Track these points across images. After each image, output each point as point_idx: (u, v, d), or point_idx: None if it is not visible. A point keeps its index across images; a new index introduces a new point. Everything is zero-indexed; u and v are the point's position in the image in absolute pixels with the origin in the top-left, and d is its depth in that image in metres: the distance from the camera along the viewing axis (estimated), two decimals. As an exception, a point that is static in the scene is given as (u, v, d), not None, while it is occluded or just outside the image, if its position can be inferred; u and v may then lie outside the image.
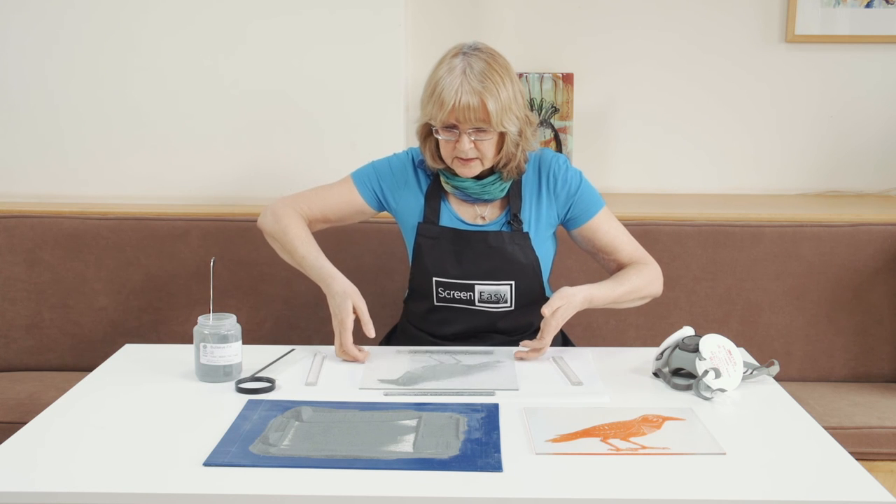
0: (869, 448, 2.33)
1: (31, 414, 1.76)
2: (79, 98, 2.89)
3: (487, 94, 1.97)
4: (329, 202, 2.20)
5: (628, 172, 3.13)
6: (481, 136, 2.01)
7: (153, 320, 2.72)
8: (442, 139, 2.04)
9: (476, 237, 2.11)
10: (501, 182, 2.10)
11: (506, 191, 2.12)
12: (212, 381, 1.84)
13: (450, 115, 1.99)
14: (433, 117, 2.02)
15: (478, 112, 1.98)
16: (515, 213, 2.12)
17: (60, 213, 2.74)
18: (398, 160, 2.21)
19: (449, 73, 2.00)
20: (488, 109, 1.98)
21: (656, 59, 3.08)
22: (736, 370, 1.80)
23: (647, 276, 2.13)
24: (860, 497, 1.39)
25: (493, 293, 2.09)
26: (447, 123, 2.01)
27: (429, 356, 2.00)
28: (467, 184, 2.10)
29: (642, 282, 2.12)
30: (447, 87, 1.98)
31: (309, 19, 2.85)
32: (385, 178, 2.19)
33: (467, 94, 1.97)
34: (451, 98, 1.97)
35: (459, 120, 1.99)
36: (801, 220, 2.70)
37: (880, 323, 2.68)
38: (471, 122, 1.99)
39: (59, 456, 1.51)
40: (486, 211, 2.15)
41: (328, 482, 1.42)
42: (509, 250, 2.09)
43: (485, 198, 2.12)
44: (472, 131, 2.00)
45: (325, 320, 2.70)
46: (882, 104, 3.09)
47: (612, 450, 1.52)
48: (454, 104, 1.97)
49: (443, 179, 2.13)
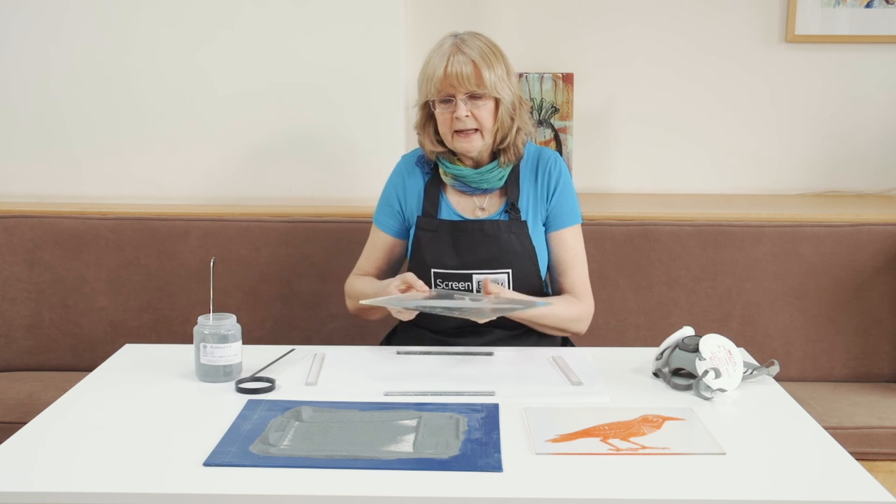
0: (869, 448, 2.33)
1: (31, 414, 1.76)
2: (78, 98, 2.89)
3: (480, 60, 2.05)
4: (373, 257, 2.27)
5: (628, 172, 3.13)
6: (476, 102, 2.06)
7: (153, 320, 2.72)
8: (439, 113, 2.09)
9: (473, 226, 2.12)
10: (500, 170, 2.13)
11: (504, 179, 2.14)
12: (212, 381, 1.84)
13: (444, 83, 2.05)
14: (428, 91, 2.08)
15: (470, 77, 2.04)
16: (513, 203, 2.14)
17: (60, 213, 2.74)
18: (403, 163, 2.26)
19: (439, 48, 2.10)
20: (481, 73, 2.04)
21: (656, 59, 3.08)
22: (736, 370, 1.80)
23: (576, 311, 2.14)
24: (860, 497, 1.38)
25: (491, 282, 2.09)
26: (442, 93, 2.06)
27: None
28: (465, 172, 2.12)
29: (567, 314, 2.12)
30: (438, 57, 2.07)
31: (309, 19, 2.84)
32: (399, 187, 2.22)
33: (459, 61, 2.05)
34: (442, 64, 2.05)
35: (453, 85, 2.04)
36: (801, 220, 2.70)
37: (880, 323, 2.68)
38: (464, 87, 2.04)
39: (59, 456, 1.51)
40: (485, 202, 2.16)
41: (328, 482, 1.42)
42: (505, 238, 2.10)
43: (483, 187, 2.14)
44: (466, 98, 2.05)
45: (325, 320, 2.72)
46: (882, 104, 3.09)
47: (612, 450, 1.52)
48: (446, 69, 2.04)
49: (442, 171, 2.15)
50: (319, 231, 2.71)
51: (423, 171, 2.20)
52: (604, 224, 2.66)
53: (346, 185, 2.89)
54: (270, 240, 2.71)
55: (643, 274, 2.68)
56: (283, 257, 2.71)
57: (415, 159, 2.23)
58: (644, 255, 2.68)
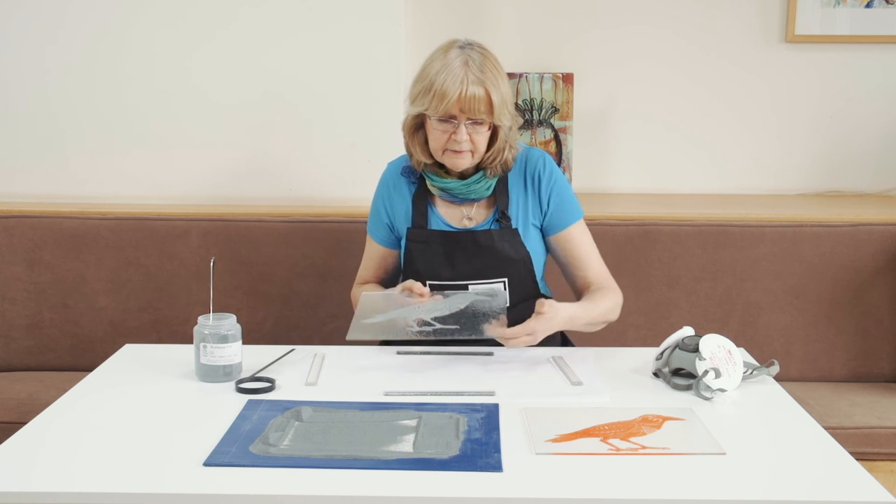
0: (869, 448, 2.33)
1: (31, 414, 1.76)
2: (79, 98, 2.89)
3: (491, 86, 1.99)
4: (371, 267, 2.27)
5: (628, 172, 3.13)
6: (477, 127, 2.02)
7: (153, 320, 2.72)
8: (436, 130, 2.04)
9: (465, 237, 2.11)
10: (486, 180, 2.11)
11: (492, 189, 2.12)
12: (212, 381, 1.84)
13: (454, 106, 1.99)
14: (433, 108, 2.01)
15: (482, 103, 1.99)
16: (503, 210, 2.12)
17: (60, 213, 2.74)
18: (388, 173, 2.23)
19: (448, 65, 2.00)
20: (492, 101, 1.99)
21: (656, 59, 3.08)
22: (736, 370, 1.80)
23: (613, 301, 2.14)
24: (860, 497, 1.39)
25: (488, 291, 2.09)
26: (447, 114, 2.01)
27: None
28: (452, 184, 2.10)
29: (610, 306, 2.13)
30: (450, 77, 1.98)
31: (308, 19, 2.84)
32: (386, 199, 2.20)
33: (473, 85, 1.98)
34: (455, 88, 1.98)
35: (463, 110, 1.99)
36: (801, 220, 2.70)
37: (880, 323, 2.68)
38: (472, 113, 1.99)
39: (59, 456, 1.51)
40: (472, 212, 2.15)
41: (328, 482, 1.42)
42: (499, 247, 2.09)
43: (471, 197, 2.12)
44: (469, 122, 2.01)
45: (325, 320, 2.72)
46: (882, 104, 3.09)
47: (612, 450, 1.52)
48: (460, 94, 1.98)
49: (428, 182, 2.13)
50: (319, 231, 2.71)
51: (409, 181, 2.18)
52: (604, 224, 2.66)
53: (346, 185, 2.90)
54: (270, 240, 2.71)
55: (643, 274, 2.68)
56: (283, 257, 2.71)
57: (399, 169, 2.19)
58: (644, 255, 2.68)
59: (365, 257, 2.29)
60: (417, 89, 2.06)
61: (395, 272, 2.27)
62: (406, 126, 2.12)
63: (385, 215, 2.20)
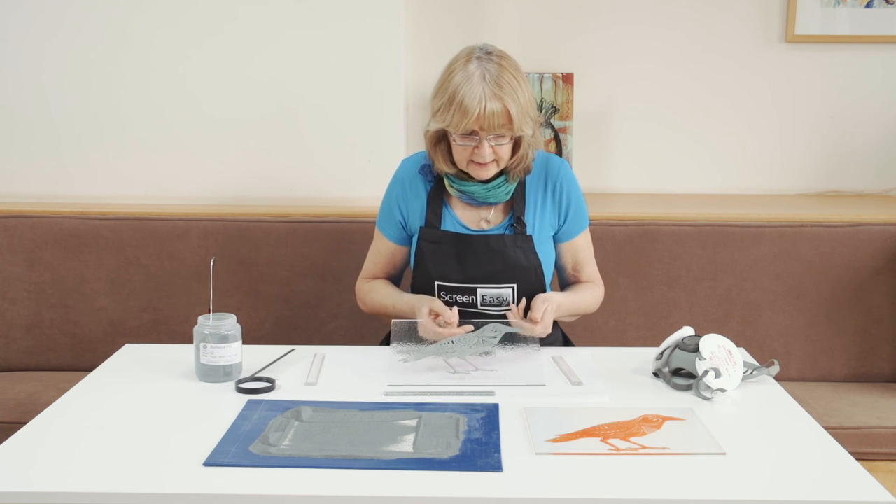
0: (869, 448, 2.33)
1: (31, 414, 1.76)
2: (79, 98, 2.89)
3: (509, 100, 1.98)
4: (380, 262, 2.25)
5: (628, 172, 3.13)
6: (500, 140, 2.02)
7: (153, 320, 2.72)
8: (459, 145, 2.04)
9: (478, 241, 2.10)
10: (507, 184, 2.11)
11: (511, 193, 2.12)
12: (212, 381, 1.84)
13: (474, 123, 1.98)
14: (454, 125, 2.00)
15: (501, 118, 1.98)
16: (519, 216, 2.12)
17: (60, 213, 2.74)
18: (404, 170, 2.21)
19: (467, 80, 1.99)
20: (511, 115, 1.98)
21: (656, 59, 3.08)
22: (736, 370, 1.80)
23: (596, 295, 2.22)
24: (860, 497, 1.39)
25: (496, 296, 2.09)
26: (468, 131, 2.00)
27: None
28: (474, 188, 2.10)
29: (592, 300, 2.21)
30: (468, 95, 1.97)
31: (309, 19, 2.84)
32: (400, 197, 2.19)
33: (491, 102, 1.97)
34: (475, 107, 1.97)
35: (483, 127, 1.99)
36: (801, 220, 2.70)
37: (880, 323, 2.68)
38: (493, 129, 1.99)
39: (59, 456, 1.51)
40: (489, 215, 2.15)
41: (328, 482, 1.42)
42: (511, 253, 2.09)
43: (490, 201, 2.12)
44: (491, 137, 2.01)
45: (325, 320, 2.72)
46: (882, 104, 3.09)
47: (612, 450, 1.52)
48: (479, 112, 1.97)
49: (447, 183, 2.13)
50: (319, 231, 2.71)
51: (425, 180, 2.17)
52: (604, 224, 2.66)
53: (346, 185, 2.89)
54: (270, 240, 2.71)
55: (643, 274, 2.68)
56: (283, 257, 2.71)
57: (417, 167, 2.18)
58: (644, 255, 2.68)
59: (373, 252, 2.27)
60: (438, 104, 2.04)
61: (403, 268, 2.27)
62: (428, 137, 2.11)
63: (398, 213, 2.19)
